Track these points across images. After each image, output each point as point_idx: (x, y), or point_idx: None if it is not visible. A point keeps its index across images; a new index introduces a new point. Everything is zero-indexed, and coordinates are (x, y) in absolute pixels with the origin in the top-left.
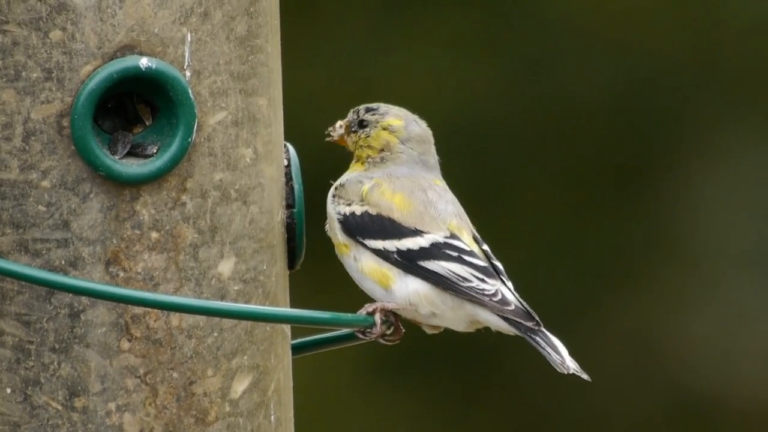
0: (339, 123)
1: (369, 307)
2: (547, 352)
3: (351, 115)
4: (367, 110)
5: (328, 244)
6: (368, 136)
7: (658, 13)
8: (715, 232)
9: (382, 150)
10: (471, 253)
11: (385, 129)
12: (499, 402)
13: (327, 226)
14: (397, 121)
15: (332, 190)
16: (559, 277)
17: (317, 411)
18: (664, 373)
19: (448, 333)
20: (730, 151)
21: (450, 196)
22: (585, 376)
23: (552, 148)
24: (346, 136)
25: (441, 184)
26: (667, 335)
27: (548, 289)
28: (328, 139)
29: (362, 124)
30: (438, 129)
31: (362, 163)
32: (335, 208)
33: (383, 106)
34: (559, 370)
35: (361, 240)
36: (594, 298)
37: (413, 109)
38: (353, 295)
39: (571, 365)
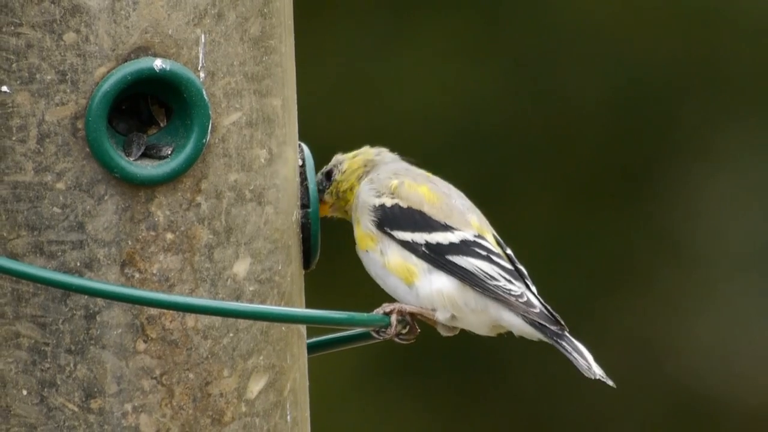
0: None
1: (387, 307)
2: (574, 357)
3: (318, 187)
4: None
5: (342, 244)
6: (343, 172)
7: (657, 16)
8: (716, 235)
9: (365, 165)
10: (498, 255)
11: (354, 157)
12: (502, 403)
13: (352, 215)
14: (357, 150)
15: (364, 181)
16: (559, 280)
17: (325, 410)
18: (665, 376)
19: (453, 337)
20: (730, 153)
21: (455, 189)
22: (610, 382)
23: (552, 151)
24: (329, 202)
25: (436, 177)
26: (667, 338)
27: (548, 291)
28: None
29: (328, 174)
30: (440, 129)
31: (356, 182)
32: (367, 198)
33: (334, 157)
34: (586, 375)
35: (389, 231)
36: (594, 301)
37: (418, 110)
38: (367, 294)
39: (597, 371)
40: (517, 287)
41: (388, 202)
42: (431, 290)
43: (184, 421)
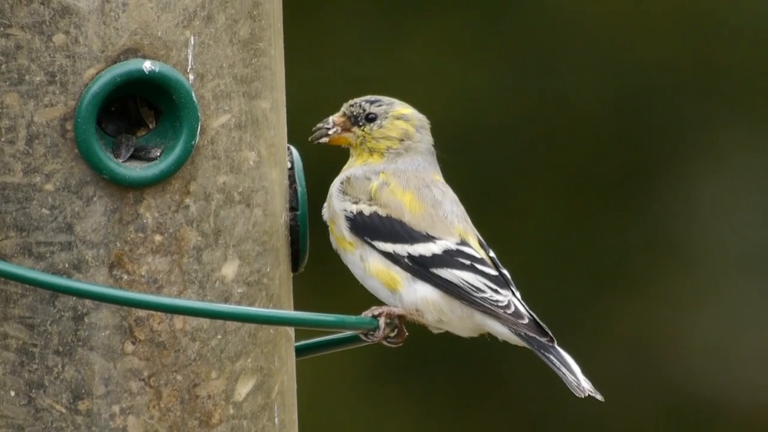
0: (331, 120)
1: (375, 310)
2: (563, 372)
3: (349, 109)
4: (371, 102)
5: (331, 247)
6: (382, 127)
7: (656, 17)
8: (714, 236)
9: (402, 140)
10: (482, 262)
11: (398, 118)
12: (498, 406)
13: (324, 214)
14: (406, 109)
15: (338, 184)
16: (558, 281)
17: (318, 413)
18: (662, 377)
19: (448, 337)
20: (729, 154)
21: (451, 194)
22: (599, 397)
23: (551, 151)
24: (344, 133)
25: (440, 179)
26: (665, 339)
27: (547, 292)
28: (322, 140)
29: (369, 117)
30: (437, 131)
31: (381, 155)
32: (341, 205)
33: (384, 98)
34: (575, 394)
35: (369, 241)
36: (592, 302)
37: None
38: (355, 297)
39: (586, 387)
40: (503, 297)
41: (366, 209)
42: (416, 298)
43: (171, 423)
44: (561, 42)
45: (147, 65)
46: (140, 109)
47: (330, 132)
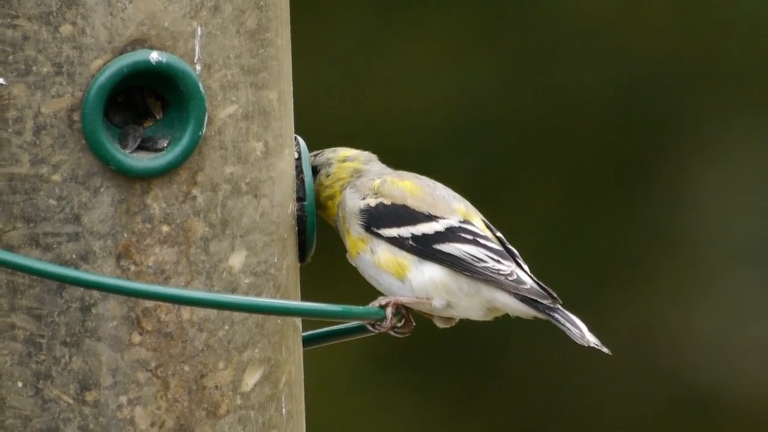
0: None
1: (382, 300)
2: (567, 327)
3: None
4: (313, 156)
5: (338, 237)
6: (329, 175)
7: (656, 10)
8: (714, 227)
9: (352, 176)
10: (486, 238)
11: (343, 161)
12: (499, 396)
13: (339, 227)
14: (349, 151)
15: (347, 189)
16: (557, 272)
17: (321, 403)
18: (662, 368)
19: (450, 330)
20: (729, 145)
21: (441, 185)
22: (605, 350)
23: (552, 144)
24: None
25: (423, 176)
26: (665, 330)
27: (546, 283)
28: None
29: (315, 170)
30: (439, 123)
31: (340, 192)
32: (353, 204)
33: (326, 150)
34: (579, 343)
35: (375, 230)
36: (592, 293)
37: (417, 103)
38: (362, 287)
39: (591, 339)
40: (505, 266)
41: (372, 202)
42: (424, 280)
43: (179, 414)
44: (559, 35)
45: (154, 56)
46: (147, 99)
47: None
